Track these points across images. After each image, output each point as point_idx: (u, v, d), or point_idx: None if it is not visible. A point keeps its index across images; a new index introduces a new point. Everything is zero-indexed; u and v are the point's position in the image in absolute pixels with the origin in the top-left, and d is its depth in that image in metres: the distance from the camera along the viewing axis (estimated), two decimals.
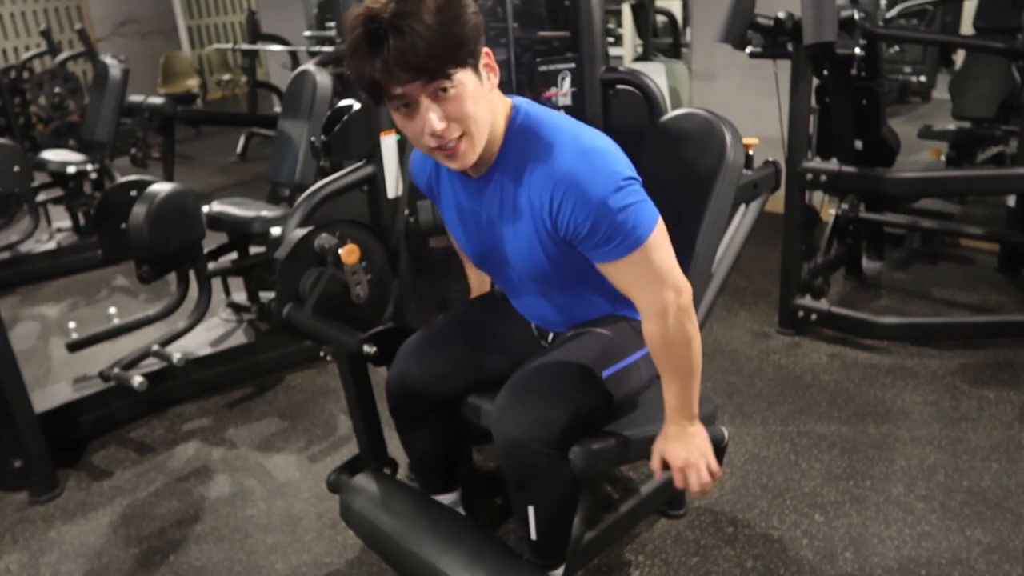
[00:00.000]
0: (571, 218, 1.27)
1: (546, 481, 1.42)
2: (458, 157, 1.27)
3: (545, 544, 1.52)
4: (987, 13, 3.88)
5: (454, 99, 1.20)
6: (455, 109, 1.21)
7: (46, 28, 6.28)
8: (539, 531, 1.49)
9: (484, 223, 1.43)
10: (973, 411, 2.39)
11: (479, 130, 1.25)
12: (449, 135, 1.23)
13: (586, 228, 1.26)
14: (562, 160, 1.26)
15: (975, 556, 1.81)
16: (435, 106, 1.20)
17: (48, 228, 4.29)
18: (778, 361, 2.77)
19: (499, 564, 1.53)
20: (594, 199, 1.24)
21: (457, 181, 1.44)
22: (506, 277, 1.54)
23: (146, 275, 2.36)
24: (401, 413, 1.67)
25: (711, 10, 3.57)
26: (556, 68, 2.47)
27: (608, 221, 1.25)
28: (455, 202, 1.48)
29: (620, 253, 1.28)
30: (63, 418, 2.41)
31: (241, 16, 9.35)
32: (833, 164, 2.76)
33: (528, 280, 1.48)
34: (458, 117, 1.22)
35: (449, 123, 1.22)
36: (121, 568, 1.95)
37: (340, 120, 2.00)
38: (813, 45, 2.50)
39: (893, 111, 5.31)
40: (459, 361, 1.61)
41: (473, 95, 1.22)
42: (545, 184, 1.28)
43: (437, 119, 1.21)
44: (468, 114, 1.22)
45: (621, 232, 1.26)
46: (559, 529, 1.52)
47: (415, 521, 1.64)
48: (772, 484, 2.11)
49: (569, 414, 1.39)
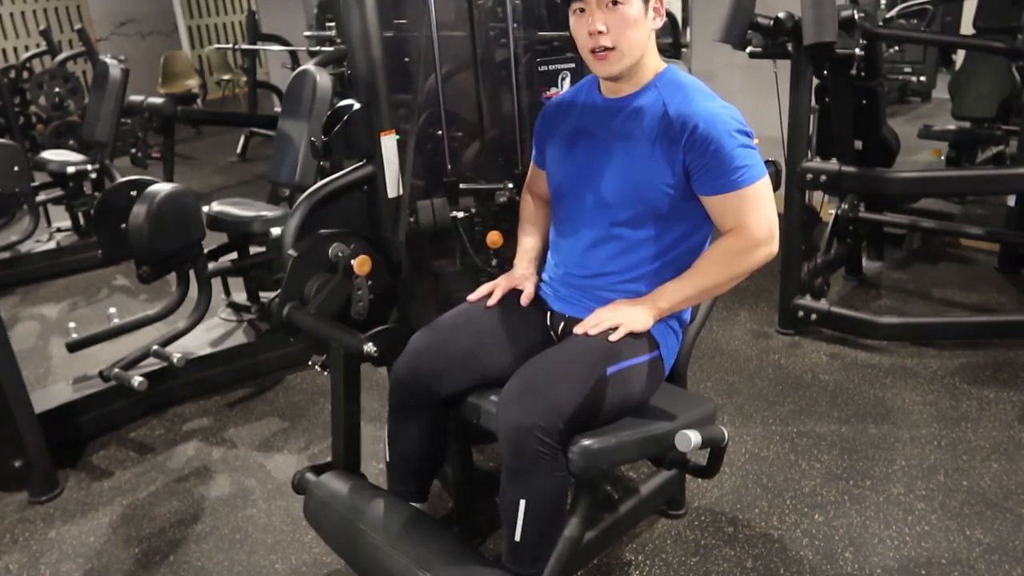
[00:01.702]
0: (702, 141, 1.48)
1: (543, 473, 1.42)
2: (604, 63, 1.53)
3: (526, 548, 1.48)
4: (987, 13, 3.89)
5: (618, 15, 1.47)
6: (615, 23, 1.48)
7: (46, 28, 6.29)
8: (524, 531, 1.46)
9: (599, 141, 1.60)
10: (973, 411, 2.39)
11: (629, 50, 1.50)
12: (603, 41, 1.49)
13: (709, 151, 1.47)
14: (702, 102, 1.52)
15: (975, 556, 1.81)
16: (600, 13, 1.48)
17: (48, 228, 4.29)
18: (778, 361, 2.77)
19: (471, 568, 1.48)
20: (723, 130, 1.48)
21: (592, 102, 1.65)
22: (579, 206, 1.64)
23: (146, 275, 2.36)
24: (402, 402, 1.65)
25: (711, 10, 3.57)
26: (556, 68, 2.46)
27: (728, 152, 1.47)
28: (576, 124, 1.66)
29: (731, 187, 1.49)
30: (63, 418, 2.41)
31: (241, 16, 9.35)
32: (833, 164, 2.76)
33: (603, 209, 1.59)
34: (615, 30, 1.48)
35: (608, 30, 1.48)
36: (121, 568, 1.95)
37: (340, 120, 2.00)
38: (813, 45, 2.50)
39: (893, 111, 5.31)
40: (469, 355, 1.61)
41: (634, 20, 1.48)
42: (685, 113, 1.50)
43: (599, 22, 1.48)
44: (623, 31, 1.48)
45: (737, 166, 1.48)
46: (543, 535, 1.49)
47: (382, 521, 1.59)
48: (772, 484, 2.11)
49: (573, 407, 1.41)
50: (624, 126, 1.58)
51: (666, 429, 1.54)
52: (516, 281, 1.73)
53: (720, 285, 1.58)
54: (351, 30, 1.91)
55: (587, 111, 1.66)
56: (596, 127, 1.63)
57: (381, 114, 1.95)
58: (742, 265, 1.54)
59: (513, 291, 1.73)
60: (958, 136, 4.19)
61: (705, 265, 1.57)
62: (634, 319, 1.53)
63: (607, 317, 1.54)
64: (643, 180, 1.55)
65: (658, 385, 1.64)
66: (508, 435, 1.42)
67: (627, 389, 1.52)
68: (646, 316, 1.54)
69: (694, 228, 1.60)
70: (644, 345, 1.57)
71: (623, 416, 1.55)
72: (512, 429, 1.41)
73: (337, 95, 2.45)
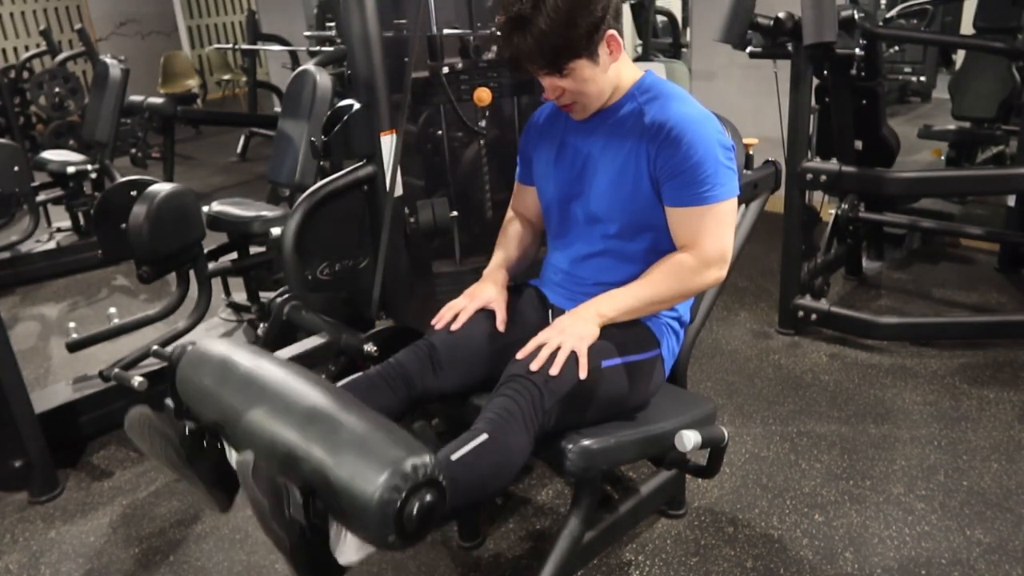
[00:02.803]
0: (671, 151, 1.46)
1: (513, 430, 1.35)
2: (573, 113, 1.58)
3: (454, 469, 1.27)
4: (987, 13, 3.89)
5: (568, 81, 1.48)
6: (569, 85, 1.49)
7: (46, 28, 6.28)
8: (465, 457, 1.30)
9: (584, 155, 1.60)
10: (973, 411, 2.39)
11: (589, 100, 1.53)
12: (563, 101, 1.54)
13: (677, 163, 1.46)
14: (679, 107, 1.50)
15: (975, 556, 1.81)
16: (552, 81, 1.49)
17: (48, 228, 4.29)
18: (778, 361, 2.77)
19: (385, 435, 1.16)
20: (697, 137, 1.45)
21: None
22: (570, 220, 1.64)
23: (146, 275, 2.36)
24: (385, 381, 1.55)
25: (711, 10, 3.57)
26: None
27: (698, 162, 1.45)
28: (562, 137, 1.66)
29: (694, 201, 1.47)
30: (63, 418, 2.41)
31: (241, 16, 9.35)
32: (833, 164, 2.76)
33: (593, 222, 1.59)
34: (570, 91, 1.50)
35: (564, 92, 1.51)
36: (121, 568, 1.95)
37: (340, 120, 2.00)
38: (813, 45, 2.50)
39: (893, 111, 5.31)
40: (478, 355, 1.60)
41: (588, 77, 1.48)
42: (660, 118, 1.49)
43: (552, 91, 1.52)
44: (579, 91, 1.50)
45: (706, 180, 1.45)
46: (475, 475, 1.31)
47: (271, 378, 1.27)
48: (772, 484, 2.11)
49: (565, 388, 1.40)
50: (606, 138, 1.57)
51: (666, 429, 1.54)
52: (483, 302, 1.64)
53: (665, 300, 1.54)
54: (351, 30, 1.91)
55: (571, 125, 1.64)
56: (580, 141, 1.62)
57: (381, 114, 1.95)
58: (690, 283, 1.52)
59: (511, 293, 1.72)
60: (958, 136, 4.19)
61: (655, 276, 1.52)
62: (582, 337, 1.45)
63: (553, 342, 1.44)
64: (629, 191, 1.54)
65: (659, 385, 1.64)
66: (498, 399, 1.38)
67: (623, 385, 1.52)
68: (593, 328, 1.48)
69: None
70: (644, 342, 1.57)
71: (620, 413, 1.55)
72: (505, 392, 1.38)
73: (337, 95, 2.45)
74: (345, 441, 1.13)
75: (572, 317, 1.50)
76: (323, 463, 1.11)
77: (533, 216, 1.81)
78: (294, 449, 1.15)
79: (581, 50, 1.43)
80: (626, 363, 1.51)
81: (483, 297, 1.65)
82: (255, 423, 1.22)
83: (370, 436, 1.14)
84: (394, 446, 1.13)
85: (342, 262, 2.25)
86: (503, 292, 1.68)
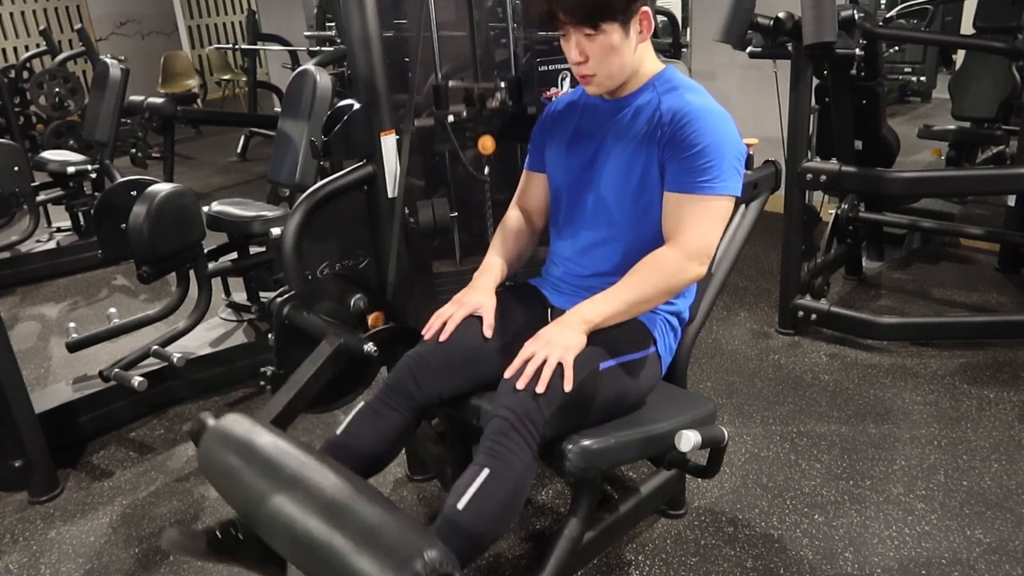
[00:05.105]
0: (682, 135, 1.47)
1: (513, 450, 1.35)
2: (589, 86, 1.57)
3: (465, 520, 1.30)
4: (987, 13, 3.89)
5: (597, 43, 1.47)
6: (595, 51, 1.48)
7: (46, 28, 6.29)
8: (471, 500, 1.31)
9: (597, 142, 1.61)
10: (973, 411, 2.39)
11: (611, 75, 1.52)
12: (584, 70, 1.52)
13: (684, 147, 1.47)
14: (699, 100, 1.51)
15: (975, 556, 1.81)
16: (579, 40, 1.48)
17: (48, 228, 4.29)
18: (778, 361, 2.77)
19: (395, 528, 1.17)
20: (709, 132, 1.46)
21: (593, 103, 1.65)
22: (578, 207, 1.65)
23: (146, 275, 2.36)
24: (387, 403, 1.55)
25: (711, 10, 3.57)
26: (556, 68, 2.47)
27: (704, 155, 1.46)
28: (577, 125, 1.66)
29: (691, 188, 1.48)
30: (63, 418, 2.41)
31: (241, 16, 9.35)
32: (833, 164, 2.76)
33: (603, 210, 1.60)
34: (595, 58, 1.49)
35: (587, 59, 1.49)
36: (121, 568, 1.95)
37: (340, 120, 2.00)
38: (813, 45, 2.50)
39: (893, 111, 5.32)
40: (472, 360, 1.59)
41: (615, 47, 1.47)
42: (675, 106, 1.50)
43: (576, 52, 1.50)
44: (603, 59, 1.49)
45: (706, 171, 1.46)
46: (486, 515, 1.33)
47: (291, 468, 1.29)
48: (772, 484, 2.11)
49: (562, 398, 1.40)
50: (622, 126, 1.58)
51: (666, 429, 1.54)
52: (472, 308, 1.62)
53: (650, 300, 1.52)
54: (351, 30, 1.90)
55: (588, 112, 1.66)
56: (596, 128, 1.63)
57: (381, 114, 1.95)
58: (673, 280, 1.50)
59: (510, 293, 1.72)
60: (958, 136, 4.19)
61: (637, 277, 1.50)
62: (567, 348, 1.42)
63: (539, 356, 1.41)
64: (640, 180, 1.55)
65: (656, 381, 1.63)
66: (494, 421, 1.38)
67: (622, 385, 1.52)
68: (579, 337, 1.45)
69: None
70: (641, 341, 1.56)
71: (619, 412, 1.55)
72: (499, 413, 1.38)
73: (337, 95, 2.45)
74: (363, 535, 1.14)
75: (558, 326, 1.47)
76: (342, 558, 1.13)
77: (536, 209, 1.79)
78: (313, 544, 1.17)
79: (618, 12, 1.44)
80: (621, 363, 1.51)
81: (471, 303, 1.63)
82: (278, 511, 1.23)
83: (385, 529, 1.15)
84: (405, 545, 1.12)
85: (342, 262, 2.25)
86: (492, 298, 1.65)
